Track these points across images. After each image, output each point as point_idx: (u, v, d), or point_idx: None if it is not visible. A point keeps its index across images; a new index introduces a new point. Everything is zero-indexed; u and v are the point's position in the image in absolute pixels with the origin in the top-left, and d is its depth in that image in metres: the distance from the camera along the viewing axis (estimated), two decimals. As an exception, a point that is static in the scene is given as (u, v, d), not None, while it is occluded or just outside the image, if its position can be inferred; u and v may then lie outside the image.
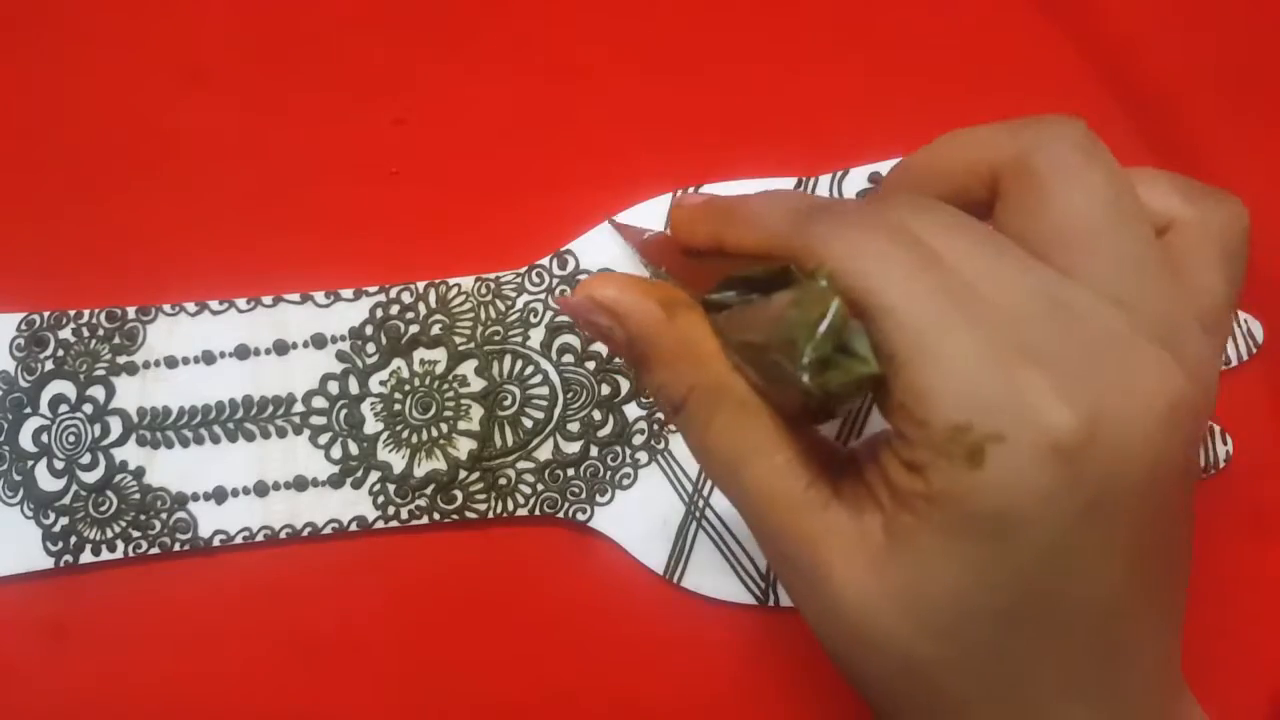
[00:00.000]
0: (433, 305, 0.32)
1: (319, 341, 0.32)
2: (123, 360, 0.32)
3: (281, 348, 0.32)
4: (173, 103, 0.34)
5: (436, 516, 0.32)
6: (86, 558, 0.31)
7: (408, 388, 0.32)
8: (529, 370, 0.32)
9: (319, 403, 0.32)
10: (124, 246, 0.33)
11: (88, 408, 0.32)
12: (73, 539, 0.31)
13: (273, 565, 0.32)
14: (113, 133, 0.34)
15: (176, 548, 0.31)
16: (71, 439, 0.32)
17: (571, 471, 0.32)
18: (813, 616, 0.21)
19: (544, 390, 0.32)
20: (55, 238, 0.34)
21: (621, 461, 0.32)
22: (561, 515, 0.32)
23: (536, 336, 0.32)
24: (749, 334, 0.21)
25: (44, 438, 0.32)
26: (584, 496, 0.32)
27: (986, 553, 0.18)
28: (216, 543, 0.32)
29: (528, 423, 0.32)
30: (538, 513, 0.32)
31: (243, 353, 0.32)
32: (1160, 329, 0.19)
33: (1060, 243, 0.20)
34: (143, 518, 0.32)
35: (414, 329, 0.32)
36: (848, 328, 0.18)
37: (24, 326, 0.33)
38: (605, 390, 0.32)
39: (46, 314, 0.33)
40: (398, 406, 0.32)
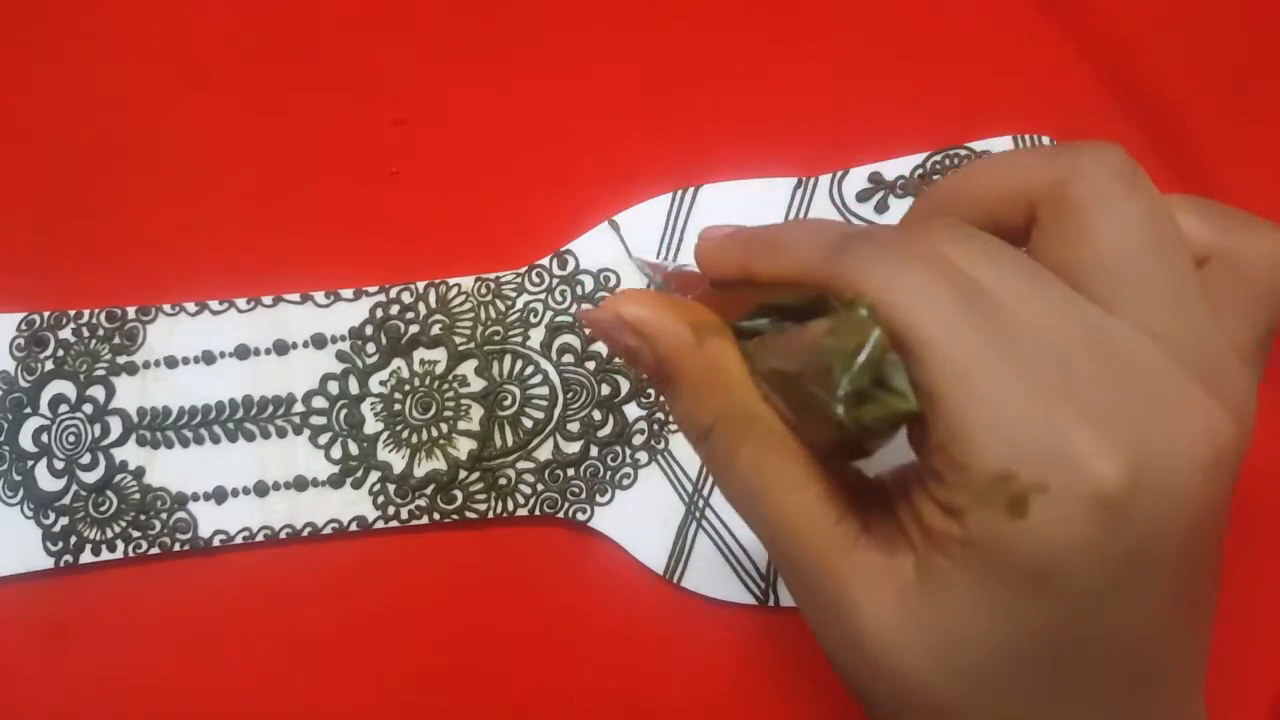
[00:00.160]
0: (433, 305, 0.32)
1: (319, 341, 0.32)
2: (123, 360, 0.32)
3: (281, 348, 0.32)
4: (173, 103, 0.34)
5: (436, 516, 0.32)
6: (86, 558, 0.31)
7: (408, 388, 0.32)
8: (529, 370, 0.32)
9: (319, 403, 0.32)
10: (124, 246, 0.33)
11: (88, 408, 0.32)
12: (73, 539, 0.31)
13: (273, 565, 0.32)
14: (113, 133, 0.34)
15: (176, 548, 0.31)
16: (71, 439, 0.32)
17: (571, 471, 0.32)
18: (836, 652, 0.20)
19: (544, 390, 0.32)
20: (55, 238, 0.34)
21: (621, 461, 0.32)
22: (561, 515, 0.32)
23: (536, 336, 0.32)
24: (781, 362, 0.20)
25: (44, 438, 0.32)
26: (584, 496, 0.32)
27: (1023, 601, 0.18)
28: (216, 543, 0.32)
29: (528, 423, 0.32)
30: (538, 513, 0.32)
31: (243, 353, 0.32)
32: (1201, 365, 0.19)
33: (1099, 273, 0.19)
34: (143, 518, 0.32)
35: (414, 329, 0.32)
36: (886, 361, 0.18)
37: (24, 326, 0.33)
38: (605, 390, 0.32)
39: (46, 314, 0.33)
40: (398, 406, 0.32)
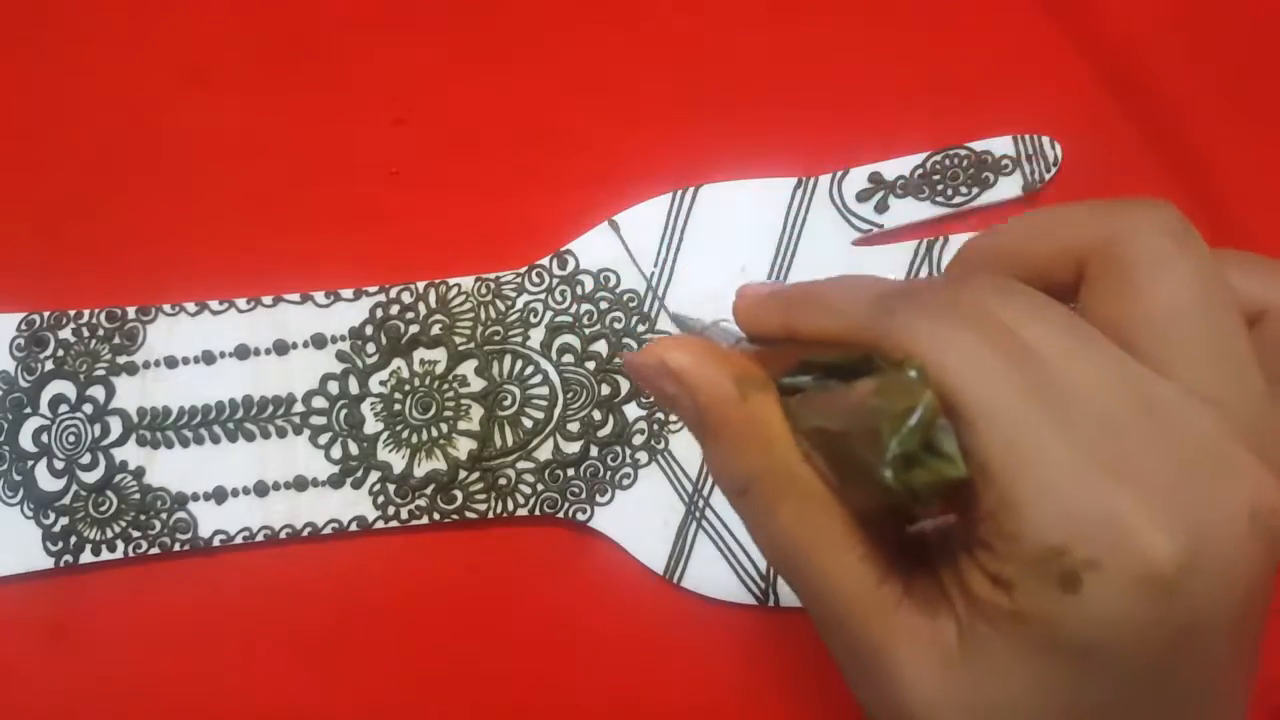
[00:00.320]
0: (433, 305, 0.32)
1: (319, 341, 0.32)
2: (123, 360, 0.32)
3: (281, 348, 0.32)
4: (173, 103, 0.34)
5: (436, 516, 0.32)
6: (86, 558, 0.31)
7: (408, 388, 0.32)
8: (529, 370, 0.32)
9: (319, 403, 0.32)
10: (124, 246, 0.33)
11: (88, 408, 0.32)
12: (73, 539, 0.31)
13: (273, 565, 0.32)
14: (113, 133, 0.34)
15: (176, 548, 0.31)
16: (71, 439, 0.32)
17: (571, 471, 0.32)
18: (874, 707, 0.20)
19: (544, 390, 0.32)
20: (55, 238, 0.34)
21: (621, 461, 0.32)
22: (561, 515, 0.32)
23: (536, 336, 0.32)
24: (825, 420, 0.20)
25: (44, 438, 0.32)
26: (584, 496, 0.32)
27: (1069, 677, 0.18)
28: (216, 543, 0.32)
29: (528, 423, 0.32)
30: (538, 513, 0.32)
31: (243, 353, 0.32)
32: (1253, 430, 0.19)
33: (1151, 334, 0.19)
34: (143, 518, 0.32)
35: (414, 329, 0.32)
36: (935, 425, 0.18)
37: (24, 326, 0.33)
38: (605, 390, 0.32)
39: (46, 314, 0.33)
40: (398, 406, 0.32)
